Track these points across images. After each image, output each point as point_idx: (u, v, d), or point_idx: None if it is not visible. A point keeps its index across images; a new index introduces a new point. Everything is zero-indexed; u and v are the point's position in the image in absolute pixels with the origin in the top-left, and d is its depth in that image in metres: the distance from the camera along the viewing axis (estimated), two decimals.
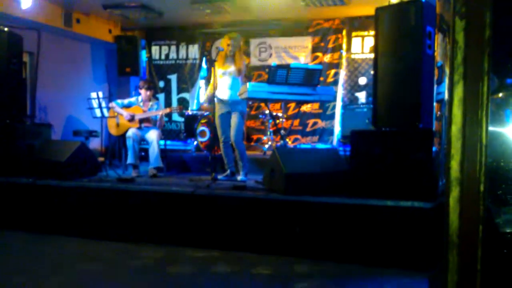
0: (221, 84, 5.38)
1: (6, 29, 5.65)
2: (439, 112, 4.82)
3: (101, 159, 6.55)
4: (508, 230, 1.83)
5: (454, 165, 1.57)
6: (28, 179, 4.98)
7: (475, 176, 1.54)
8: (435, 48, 4.18)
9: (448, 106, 1.58)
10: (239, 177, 5.35)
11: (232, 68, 5.34)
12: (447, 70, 3.86)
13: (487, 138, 1.53)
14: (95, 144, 7.64)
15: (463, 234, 1.58)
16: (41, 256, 4.12)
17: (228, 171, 5.44)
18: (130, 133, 5.89)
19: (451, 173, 1.58)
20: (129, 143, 5.85)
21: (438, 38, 4.56)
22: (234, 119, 5.33)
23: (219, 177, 5.27)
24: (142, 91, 6.21)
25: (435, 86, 4.35)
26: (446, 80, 3.84)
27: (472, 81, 1.54)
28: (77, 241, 4.54)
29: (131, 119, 6.02)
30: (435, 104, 4.38)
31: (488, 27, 1.51)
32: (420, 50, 3.89)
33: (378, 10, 4.19)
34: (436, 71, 4.42)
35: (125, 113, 6.04)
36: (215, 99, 5.40)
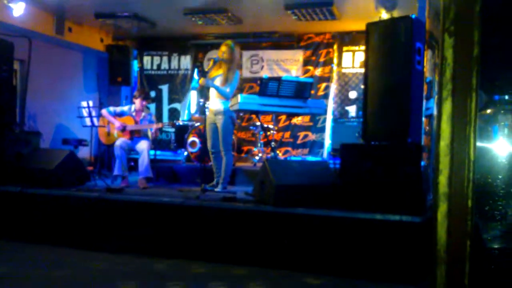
0: (210, 94, 5.37)
1: None
2: (427, 127, 4.88)
3: (90, 168, 6.50)
4: (495, 246, 1.85)
5: (442, 180, 1.59)
6: (16, 188, 4.93)
7: (463, 191, 1.56)
8: (424, 64, 4.24)
9: (437, 122, 1.60)
10: (216, 189, 5.24)
11: (219, 80, 5.30)
12: (436, 86, 3.92)
13: (475, 154, 1.56)
14: (84, 153, 7.58)
15: (451, 249, 1.59)
16: (23, 264, 4.06)
17: (214, 181, 5.41)
18: (118, 142, 5.84)
19: (439, 188, 1.59)
20: (117, 152, 5.79)
21: (428, 54, 4.63)
22: (219, 128, 5.30)
23: (208, 187, 5.24)
24: (137, 101, 6.16)
25: (424, 101, 4.41)
26: (435, 96, 3.90)
27: (461, 98, 1.57)
28: (63, 250, 4.48)
29: (122, 129, 5.99)
30: (424, 119, 4.44)
31: (476, 45, 1.55)
32: (410, 65, 3.94)
33: (368, 25, 4.24)
34: (425, 87, 4.48)
35: (117, 122, 6.00)
36: (206, 109, 5.40)
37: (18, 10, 6.60)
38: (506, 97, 3.27)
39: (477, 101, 1.59)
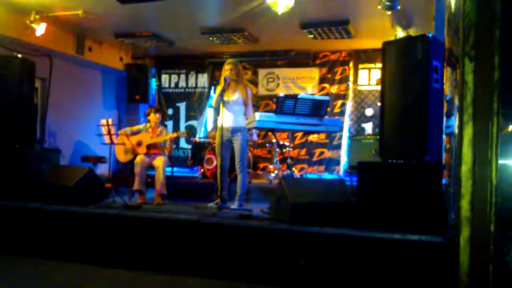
0: (225, 111, 5.40)
1: (19, 55, 5.77)
2: (448, 145, 4.83)
3: (108, 185, 6.57)
4: None
5: (465, 204, 1.58)
6: (35, 204, 5.00)
7: (485, 216, 1.54)
8: (444, 82, 4.22)
9: (458, 146, 1.60)
10: (233, 206, 5.26)
11: (235, 96, 5.36)
12: (456, 103, 3.89)
13: (497, 178, 1.54)
14: (102, 170, 7.68)
15: (474, 274, 1.57)
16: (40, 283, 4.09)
17: (219, 200, 5.31)
18: (138, 159, 5.93)
19: (461, 212, 1.58)
20: (137, 169, 5.88)
21: (447, 71, 4.61)
22: (237, 146, 5.34)
23: (211, 204, 5.30)
24: (151, 116, 6.28)
25: (444, 119, 4.37)
26: (456, 114, 3.87)
27: (482, 122, 1.56)
28: (83, 267, 4.51)
29: (139, 144, 6.08)
30: (444, 136, 4.40)
31: (497, 69, 1.55)
32: (426, 84, 3.92)
33: (385, 44, 4.25)
34: (445, 104, 4.45)
35: (129, 143, 6.12)
36: (217, 127, 5.41)
37: (40, 30, 6.79)
38: None
39: (498, 125, 1.58)
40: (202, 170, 7.46)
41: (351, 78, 8.43)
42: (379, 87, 4.68)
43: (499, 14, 1.56)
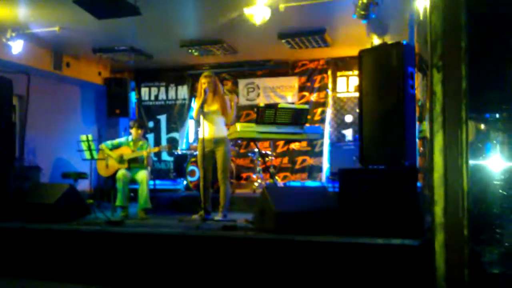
0: (206, 122, 5.41)
1: None
2: (421, 148, 4.93)
3: (90, 201, 6.50)
4: (495, 271, 1.86)
5: (438, 211, 1.63)
6: (16, 223, 4.93)
7: (458, 221, 1.59)
8: (416, 87, 4.32)
9: (429, 154, 1.65)
10: (217, 217, 5.26)
11: (214, 107, 5.36)
12: (427, 106, 3.99)
13: (468, 184, 1.59)
14: (83, 185, 7.60)
15: (450, 278, 1.62)
16: None
17: (202, 211, 5.30)
18: (119, 175, 5.87)
19: (436, 218, 1.63)
20: (119, 185, 5.83)
21: (419, 77, 4.72)
22: (220, 157, 5.35)
23: (194, 216, 5.27)
24: (133, 130, 6.23)
25: (417, 124, 4.47)
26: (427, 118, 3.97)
27: (451, 131, 1.62)
28: (67, 286, 4.45)
29: (119, 160, 6.03)
30: (418, 140, 4.49)
31: (464, 79, 1.61)
32: (403, 90, 4.02)
33: (361, 52, 4.35)
34: (417, 109, 4.55)
35: (114, 154, 6.06)
36: (199, 138, 5.41)
37: (17, 47, 6.72)
38: (497, 115, 3.34)
39: (467, 133, 1.64)
40: (185, 182, 7.45)
41: (330, 85, 8.54)
42: (357, 94, 4.76)
43: (464, 26, 1.63)
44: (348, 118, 8.35)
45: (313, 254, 3.95)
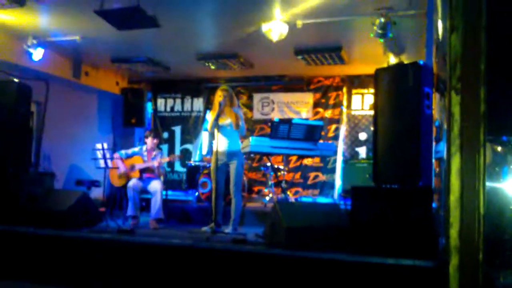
0: (218, 136, 5.42)
1: (16, 80, 5.82)
2: (437, 169, 4.88)
3: (102, 209, 6.54)
4: None
5: (453, 233, 1.61)
6: (28, 228, 4.97)
7: (473, 245, 1.57)
8: (433, 107, 4.29)
9: (446, 176, 1.64)
10: (227, 230, 5.26)
11: (228, 120, 5.40)
12: (445, 128, 3.95)
13: (485, 207, 1.57)
14: (96, 193, 7.65)
15: None
16: None
17: (213, 223, 5.28)
18: (131, 183, 5.92)
19: (450, 241, 1.61)
20: (130, 193, 5.87)
21: (436, 97, 4.69)
22: (233, 170, 5.36)
23: (205, 228, 5.25)
24: (149, 140, 6.30)
25: (434, 144, 4.43)
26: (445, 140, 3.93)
27: (469, 153, 1.61)
28: None
29: (131, 169, 6.08)
30: (434, 161, 4.45)
31: (483, 102, 1.60)
32: (419, 110, 3.99)
33: (377, 70, 4.34)
34: (434, 129, 4.51)
35: (122, 167, 6.12)
36: (213, 151, 5.43)
37: (37, 55, 6.86)
38: None
39: (485, 156, 1.62)
40: (196, 193, 7.46)
41: (344, 103, 8.54)
42: (372, 112, 4.75)
43: (484, 49, 1.62)
44: (362, 136, 8.32)
45: (322, 271, 3.91)
